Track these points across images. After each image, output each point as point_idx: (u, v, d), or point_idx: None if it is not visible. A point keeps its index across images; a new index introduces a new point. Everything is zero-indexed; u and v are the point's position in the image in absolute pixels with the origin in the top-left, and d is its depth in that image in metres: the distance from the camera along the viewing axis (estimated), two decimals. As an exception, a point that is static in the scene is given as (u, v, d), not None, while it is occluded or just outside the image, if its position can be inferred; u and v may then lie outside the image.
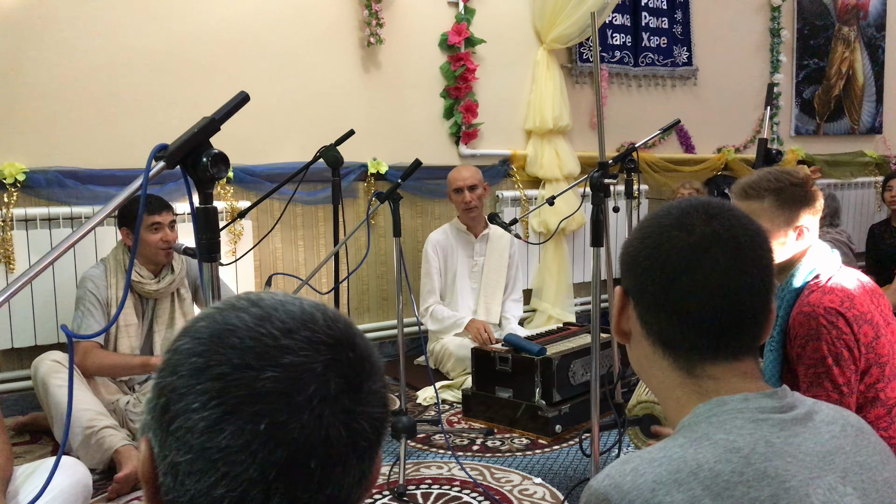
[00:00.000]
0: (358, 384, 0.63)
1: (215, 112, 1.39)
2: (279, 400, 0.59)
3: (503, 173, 4.63)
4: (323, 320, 0.64)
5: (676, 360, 0.94)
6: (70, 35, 3.41)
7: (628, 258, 0.97)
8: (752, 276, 0.91)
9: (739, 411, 0.87)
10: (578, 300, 4.86)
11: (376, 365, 0.66)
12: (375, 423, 0.64)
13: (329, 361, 0.62)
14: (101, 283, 2.96)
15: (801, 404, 0.90)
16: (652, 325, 0.95)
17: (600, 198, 1.96)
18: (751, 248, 0.92)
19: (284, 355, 0.61)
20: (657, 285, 0.93)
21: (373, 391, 0.64)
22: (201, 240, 1.38)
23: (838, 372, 1.77)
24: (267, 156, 3.84)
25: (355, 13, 4.07)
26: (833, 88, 6.18)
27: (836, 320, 1.78)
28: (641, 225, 0.98)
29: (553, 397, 3.07)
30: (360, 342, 0.66)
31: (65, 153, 3.42)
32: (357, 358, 0.64)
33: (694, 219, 0.93)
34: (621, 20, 5.02)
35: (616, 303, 0.99)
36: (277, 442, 0.58)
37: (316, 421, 0.60)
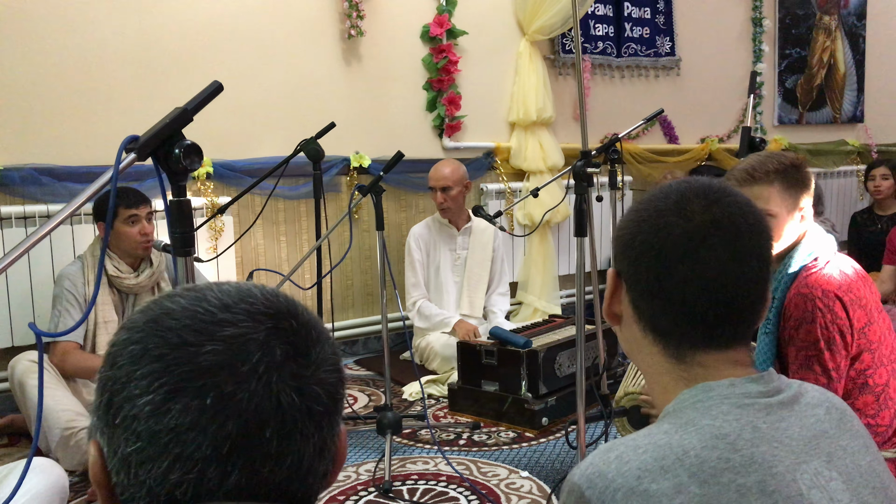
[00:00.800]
0: (305, 350, 0.62)
1: (188, 102, 1.36)
2: (223, 371, 0.58)
3: (487, 166, 4.61)
4: (261, 294, 0.64)
5: (666, 348, 0.91)
6: (44, 30, 3.34)
7: (623, 241, 0.94)
8: (751, 267, 0.89)
9: (725, 397, 0.85)
10: (564, 292, 4.85)
11: (323, 334, 0.65)
12: (329, 388, 0.62)
13: (271, 330, 0.61)
14: (79, 280, 2.91)
15: (788, 387, 0.89)
16: (644, 310, 0.92)
17: (583, 187, 1.94)
18: (751, 236, 0.89)
19: (224, 328, 0.59)
20: (651, 272, 0.90)
21: (323, 357, 0.63)
22: (175, 234, 1.35)
23: (829, 356, 1.76)
24: (247, 150, 3.79)
25: (335, 5, 4.02)
26: (815, 78, 6.20)
27: (833, 304, 1.76)
28: (638, 207, 0.95)
29: (539, 390, 3.06)
30: (302, 312, 0.64)
31: (40, 150, 3.35)
32: (301, 325, 0.63)
33: (693, 204, 0.89)
34: (604, 10, 5.00)
35: (609, 285, 0.96)
36: (227, 414, 0.57)
37: (265, 388, 0.58)
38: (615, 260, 0.96)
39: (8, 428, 3.07)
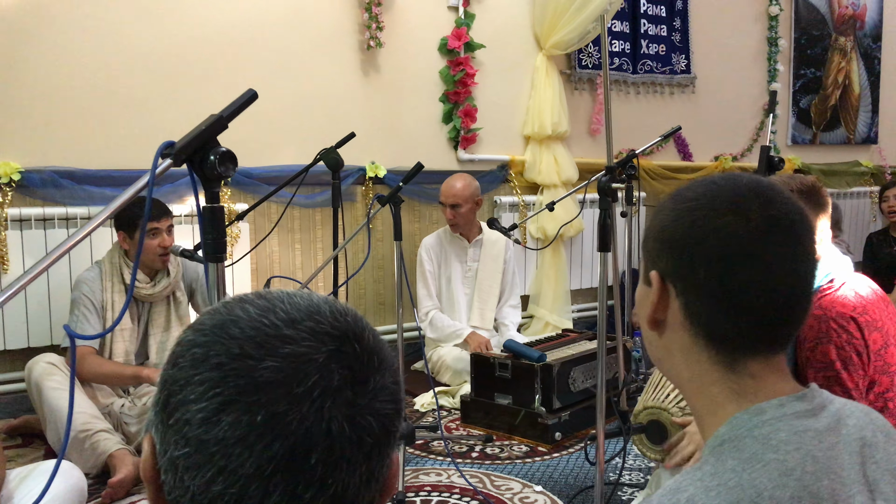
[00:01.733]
0: (363, 377, 0.60)
1: (223, 109, 1.37)
2: (278, 390, 0.57)
3: (501, 178, 4.62)
4: (329, 312, 0.62)
5: (719, 353, 0.88)
6: (68, 35, 3.37)
7: (670, 242, 0.89)
8: (808, 265, 0.88)
9: (779, 419, 0.83)
10: (576, 307, 4.85)
11: (386, 360, 0.63)
12: (383, 420, 0.61)
13: (332, 352, 0.59)
14: (96, 286, 2.92)
15: (831, 404, 0.87)
16: (700, 315, 0.88)
17: (608, 202, 1.94)
18: (806, 234, 0.88)
19: (285, 345, 0.58)
20: (711, 274, 0.86)
21: (381, 386, 0.61)
22: (207, 239, 1.35)
23: (847, 376, 1.76)
24: (265, 158, 3.81)
25: (355, 16, 4.05)
26: (829, 98, 6.21)
27: (847, 324, 1.76)
28: (682, 206, 0.89)
29: (553, 404, 3.05)
30: (368, 336, 0.63)
31: (60, 153, 3.38)
32: (364, 351, 0.61)
33: (751, 203, 0.86)
34: (620, 27, 5.02)
35: (654, 290, 0.91)
36: (275, 434, 0.56)
37: (316, 413, 0.57)
38: (657, 263, 0.91)
39: (21, 429, 3.08)
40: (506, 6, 4.54)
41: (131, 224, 2.88)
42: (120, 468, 2.50)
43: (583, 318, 4.89)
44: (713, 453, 0.85)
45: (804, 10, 5.99)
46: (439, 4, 4.33)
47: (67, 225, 3.34)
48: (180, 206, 3.53)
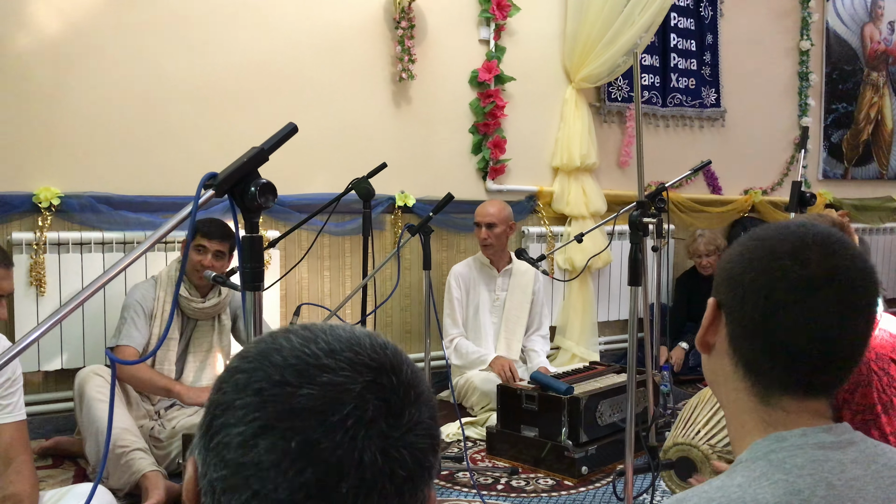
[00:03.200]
0: (399, 410, 0.61)
1: (264, 142, 1.40)
2: (314, 418, 0.58)
3: (529, 209, 4.63)
4: (370, 345, 0.63)
5: (755, 386, 0.91)
6: (109, 65, 3.47)
7: (730, 274, 0.93)
8: (857, 323, 0.88)
9: (799, 447, 0.84)
10: (603, 339, 4.82)
11: (423, 395, 0.64)
12: (417, 454, 0.61)
13: (369, 384, 0.60)
14: (149, 294, 3.02)
15: (862, 441, 0.88)
16: (741, 346, 0.91)
17: (639, 236, 1.95)
18: (863, 292, 0.89)
19: (323, 374, 0.60)
20: (758, 311, 0.89)
21: (417, 420, 0.62)
22: (246, 268, 1.38)
23: (886, 420, 1.73)
24: (296, 186, 3.87)
25: (388, 49, 4.13)
26: (861, 133, 6.16)
27: (888, 366, 1.74)
28: (750, 243, 0.94)
29: (580, 437, 3.03)
30: (406, 370, 0.64)
31: (99, 179, 3.46)
32: (400, 384, 0.62)
33: (812, 252, 0.88)
34: (650, 60, 5.05)
35: (707, 314, 0.95)
36: (308, 461, 0.57)
37: (350, 442, 0.58)
38: (717, 290, 0.95)
39: (53, 450, 3.12)
40: (536, 39, 4.59)
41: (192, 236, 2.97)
42: (153, 491, 2.52)
43: (610, 350, 4.85)
44: (726, 473, 0.86)
45: (836, 45, 5.98)
46: (470, 38, 4.39)
47: (104, 249, 3.41)
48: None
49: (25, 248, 3.26)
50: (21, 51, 3.30)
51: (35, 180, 3.34)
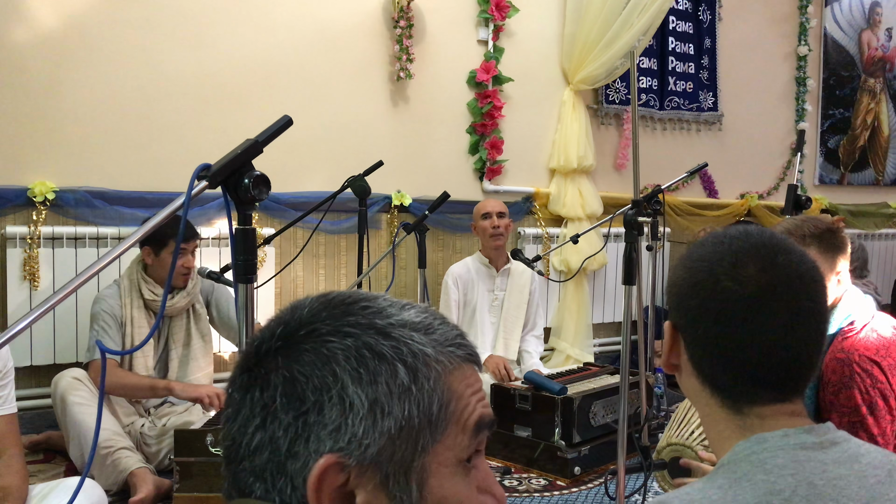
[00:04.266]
0: None
1: (258, 135, 1.40)
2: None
3: (526, 210, 4.63)
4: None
5: (724, 400, 0.93)
6: (106, 59, 3.47)
7: (678, 298, 0.95)
8: (809, 326, 0.89)
9: (780, 448, 0.85)
10: (597, 340, 4.81)
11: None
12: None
13: None
14: (115, 302, 2.98)
15: (845, 442, 0.88)
16: (702, 366, 0.93)
17: (634, 236, 1.95)
18: (807, 296, 0.90)
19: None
20: (709, 332, 0.91)
21: None
22: (238, 261, 1.38)
23: (872, 422, 1.73)
24: (292, 184, 3.86)
25: (386, 48, 4.12)
26: (858, 139, 6.17)
27: (871, 368, 1.74)
28: (691, 264, 0.95)
29: (573, 438, 3.02)
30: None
31: (94, 174, 3.45)
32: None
33: (749, 268, 0.89)
34: (648, 64, 5.06)
35: (666, 338, 0.98)
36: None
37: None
38: (671, 313, 0.97)
39: (44, 444, 3.11)
40: (535, 41, 4.60)
41: (158, 241, 2.94)
42: (141, 487, 2.52)
43: (604, 352, 4.85)
44: (709, 475, 0.87)
45: (833, 51, 5.99)
46: (469, 38, 4.39)
47: (98, 244, 3.40)
48: (208, 229, 3.59)
49: (19, 242, 3.25)
50: (18, 44, 3.30)
51: (30, 174, 3.33)
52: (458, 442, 0.63)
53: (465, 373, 0.65)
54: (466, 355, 0.66)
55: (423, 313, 0.65)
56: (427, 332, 0.63)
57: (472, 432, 0.64)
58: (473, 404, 0.64)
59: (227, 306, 3.20)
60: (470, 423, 0.63)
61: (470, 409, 0.64)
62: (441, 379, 0.62)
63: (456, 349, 0.65)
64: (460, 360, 0.65)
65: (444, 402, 0.62)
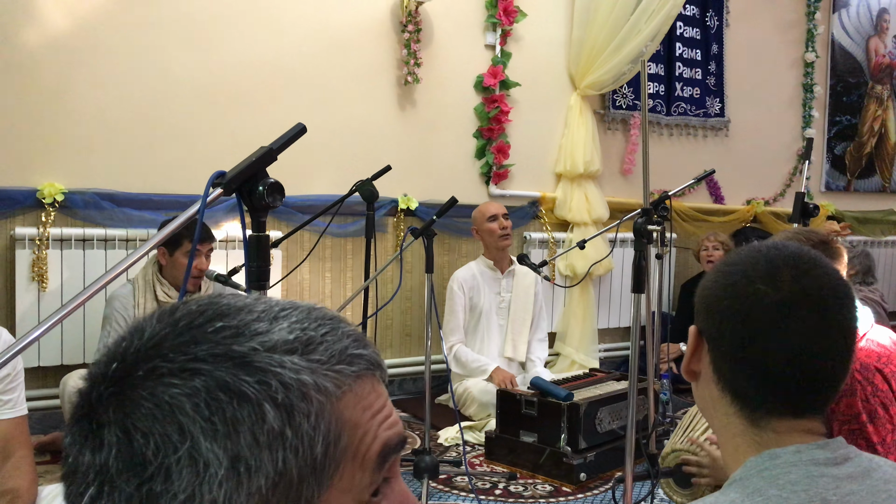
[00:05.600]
0: None
1: (273, 142, 1.41)
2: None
3: (532, 215, 4.64)
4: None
5: (743, 409, 0.92)
6: (115, 62, 3.48)
7: (707, 301, 0.95)
8: (836, 340, 0.89)
9: (793, 464, 0.85)
10: (603, 346, 4.82)
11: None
12: None
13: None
14: (129, 302, 2.98)
15: (857, 457, 0.88)
16: (725, 372, 0.93)
17: (643, 244, 1.95)
18: (838, 310, 0.90)
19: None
20: (736, 336, 0.91)
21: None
22: (252, 267, 1.39)
23: (873, 430, 1.74)
24: (300, 187, 3.87)
25: (394, 52, 4.13)
26: (865, 146, 6.17)
27: (872, 376, 1.75)
28: (724, 269, 0.95)
29: (579, 444, 3.02)
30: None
31: (103, 176, 3.47)
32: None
33: (784, 273, 0.90)
34: (655, 69, 5.06)
35: (690, 342, 0.97)
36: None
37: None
38: (697, 318, 0.97)
39: (51, 445, 3.12)
40: (542, 46, 4.61)
41: (173, 242, 2.95)
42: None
43: (609, 357, 4.85)
44: (721, 491, 0.87)
45: (840, 58, 5.99)
46: (476, 43, 4.40)
47: (106, 246, 3.41)
48: (216, 232, 3.60)
49: (28, 244, 3.27)
50: (29, 47, 3.31)
51: (39, 176, 3.34)
52: (356, 482, 0.50)
53: (361, 392, 0.52)
54: (362, 369, 0.52)
55: (301, 323, 0.51)
56: (305, 352, 0.50)
57: (374, 465, 0.51)
58: (374, 430, 0.52)
59: None
60: (371, 456, 0.51)
61: (370, 437, 0.51)
62: (326, 411, 0.49)
63: (347, 365, 0.51)
64: (353, 379, 0.51)
65: (331, 440, 0.49)
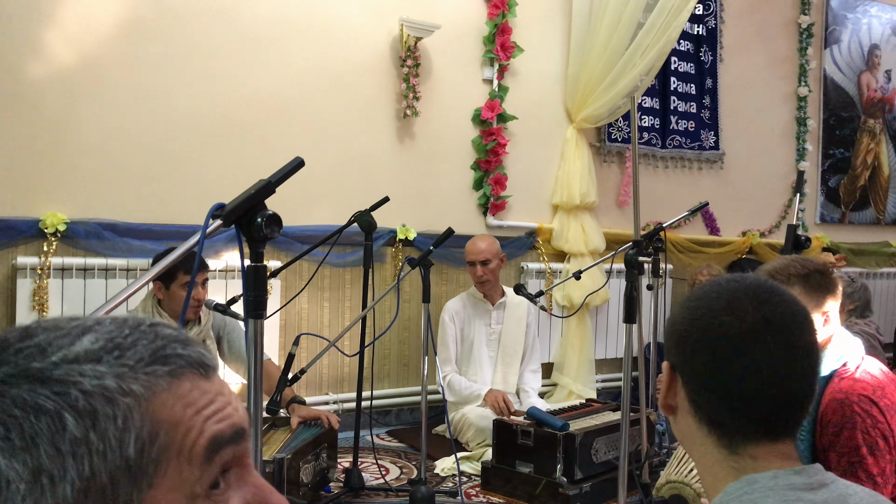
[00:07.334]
0: None
1: (272, 175, 1.45)
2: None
3: (528, 245, 4.68)
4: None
5: (720, 438, 0.96)
6: (119, 95, 3.55)
7: (676, 337, 1.00)
8: (802, 362, 0.94)
9: (770, 489, 0.88)
10: (600, 376, 4.83)
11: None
12: None
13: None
14: None
15: (833, 483, 0.91)
16: (700, 403, 0.97)
17: (634, 275, 1.99)
18: (800, 333, 0.94)
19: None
20: (707, 368, 0.95)
21: None
22: (249, 297, 1.42)
23: (872, 462, 1.75)
24: (299, 217, 3.92)
25: (393, 85, 4.21)
26: (858, 178, 6.24)
27: (870, 408, 1.77)
28: (689, 304, 1.00)
29: (575, 474, 3.03)
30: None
31: (105, 206, 3.51)
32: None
33: (744, 304, 0.95)
34: (650, 103, 5.14)
35: (664, 378, 1.02)
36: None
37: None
38: (668, 354, 1.01)
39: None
40: (538, 80, 4.69)
41: (168, 275, 2.98)
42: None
43: (607, 388, 4.86)
44: None
45: (833, 92, 6.09)
46: (474, 77, 4.49)
47: (107, 275, 3.44)
48: (215, 262, 3.64)
49: (30, 273, 3.30)
50: (34, 79, 3.38)
51: (42, 206, 3.39)
52: (185, 477, 0.51)
53: (179, 391, 0.52)
54: (178, 367, 0.53)
55: (109, 333, 0.52)
56: (109, 359, 0.50)
57: (202, 459, 0.52)
58: (199, 425, 0.52)
59: (238, 340, 3.22)
60: (198, 450, 0.51)
61: (195, 432, 0.52)
62: (137, 412, 0.49)
63: (161, 366, 0.52)
64: (168, 378, 0.52)
65: (146, 439, 0.49)
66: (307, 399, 3.38)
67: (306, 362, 2.74)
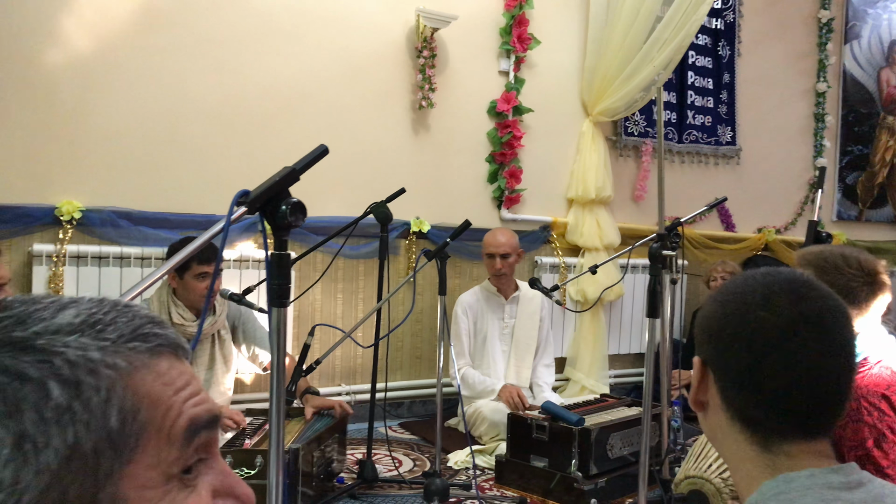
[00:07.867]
0: None
1: (296, 162, 1.44)
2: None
3: (543, 239, 4.65)
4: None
5: (753, 436, 0.93)
6: (134, 83, 3.54)
7: (709, 331, 0.97)
8: (838, 359, 0.91)
9: (808, 488, 0.86)
10: (613, 372, 4.80)
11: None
12: None
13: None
14: None
15: (871, 482, 0.89)
16: (733, 400, 0.94)
17: (658, 269, 1.96)
18: (837, 329, 0.92)
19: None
20: (742, 363, 0.92)
21: None
22: (273, 285, 1.41)
23: (880, 454, 1.74)
24: (314, 208, 3.89)
25: (409, 77, 4.19)
26: (877, 176, 6.17)
27: (879, 402, 1.75)
28: (722, 298, 0.97)
29: (590, 470, 3.00)
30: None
31: (120, 194, 3.51)
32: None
33: (781, 299, 0.92)
34: (667, 97, 5.10)
35: (695, 374, 0.99)
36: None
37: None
38: (700, 349, 0.98)
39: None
40: (555, 73, 4.65)
41: (182, 266, 2.97)
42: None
43: (619, 383, 4.83)
44: None
45: (852, 89, 6.02)
46: (490, 69, 4.45)
47: (122, 264, 3.44)
48: (230, 251, 3.63)
49: (45, 260, 3.30)
50: (50, 67, 3.37)
51: (57, 193, 3.39)
52: (164, 457, 0.51)
53: (158, 369, 0.53)
54: (157, 345, 0.54)
55: (90, 309, 0.53)
56: (92, 332, 0.51)
57: (181, 440, 0.52)
58: (179, 406, 0.53)
59: (252, 329, 3.22)
60: (177, 431, 0.52)
61: (174, 412, 0.52)
62: (119, 384, 0.50)
63: (141, 342, 0.53)
64: (148, 355, 0.52)
65: (128, 412, 0.50)
66: (320, 390, 3.37)
67: (319, 353, 2.73)
